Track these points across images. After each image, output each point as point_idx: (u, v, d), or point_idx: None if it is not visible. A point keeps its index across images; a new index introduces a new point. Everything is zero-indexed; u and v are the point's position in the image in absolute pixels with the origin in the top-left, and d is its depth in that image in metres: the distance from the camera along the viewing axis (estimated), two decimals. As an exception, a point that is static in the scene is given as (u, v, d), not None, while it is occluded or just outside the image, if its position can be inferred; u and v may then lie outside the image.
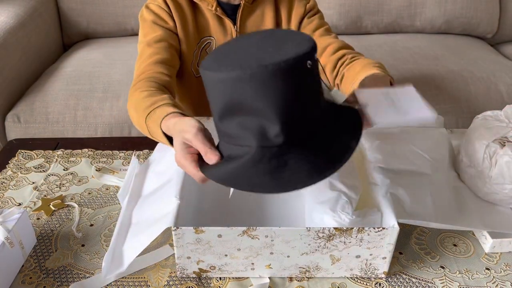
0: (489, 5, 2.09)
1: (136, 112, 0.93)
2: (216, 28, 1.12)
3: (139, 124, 0.92)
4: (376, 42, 2.04)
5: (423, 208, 0.82)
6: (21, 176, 1.02)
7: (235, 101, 0.65)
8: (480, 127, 0.92)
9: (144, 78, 0.99)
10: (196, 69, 1.15)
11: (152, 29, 1.08)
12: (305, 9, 1.15)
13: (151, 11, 1.09)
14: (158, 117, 0.86)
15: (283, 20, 1.16)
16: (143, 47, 1.07)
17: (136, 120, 0.94)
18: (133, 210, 0.86)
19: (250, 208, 0.92)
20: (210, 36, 1.13)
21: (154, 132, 0.86)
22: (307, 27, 1.16)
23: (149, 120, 0.87)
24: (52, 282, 0.78)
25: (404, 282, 0.79)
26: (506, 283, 0.79)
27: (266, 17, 1.14)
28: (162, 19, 1.09)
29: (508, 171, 0.86)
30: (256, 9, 1.13)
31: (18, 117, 1.61)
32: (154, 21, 1.08)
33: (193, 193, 0.88)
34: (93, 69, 1.78)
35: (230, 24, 1.12)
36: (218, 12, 1.09)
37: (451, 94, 1.70)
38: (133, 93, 0.98)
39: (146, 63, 1.03)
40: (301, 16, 1.16)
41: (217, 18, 1.11)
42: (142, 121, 0.90)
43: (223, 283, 0.78)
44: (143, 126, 0.90)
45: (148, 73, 1.01)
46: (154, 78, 1.00)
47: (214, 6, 1.08)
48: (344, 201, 0.79)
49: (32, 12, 1.88)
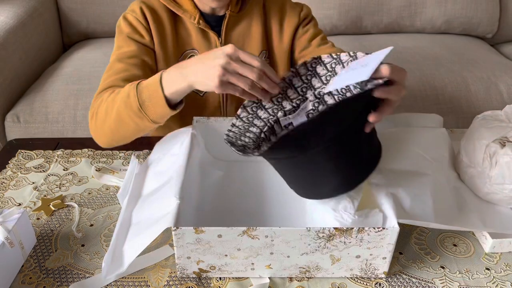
0: (489, 5, 2.10)
1: (116, 96, 0.91)
2: (199, 41, 1.07)
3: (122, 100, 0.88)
4: (376, 42, 2.04)
5: (423, 208, 0.82)
6: (21, 176, 1.02)
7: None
8: (480, 127, 0.92)
9: (111, 90, 0.96)
10: None
11: (126, 43, 1.04)
12: (299, 17, 1.10)
13: (128, 22, 1.05)
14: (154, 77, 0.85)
15: (274, 30, 1.11)
16: (114, 61, 1.03)
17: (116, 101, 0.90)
18: (133, 210, 0.86)
19: (250, 208, 0.92)
20: (193, 48, 1.08)
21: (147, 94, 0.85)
22: (303, 37, 1.11)
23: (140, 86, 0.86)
24: (52, 282, 0.78)
25: (404, 282, 0.79)
26: (506, 283, 0.79)
27: (254, 27, 1.09)
28: (138, 33, 1.04)
29: (508, 171, 0.86)
30: (242, 19, 1.08)
31: (18, 117, 1.61)
32: (129, 34, 1.04)
33: (193, 193, 0.88)
34: (93, 69, 1.78)
35: (214, 37, 1.07)
36: (201, 25, 1.04)
37: (451, 94, 1.71)
38: (97, 98, 0.97)
39: (112, 78, 0.99)
40: (295, 25, 1.11)
41: (200, 30, 1.07)
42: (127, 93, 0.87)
43: (223, 283, 0.78)
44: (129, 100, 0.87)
45: (114, 88, 0.97)
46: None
47: (197, 18, 1.03)
48: (346, 201, 0.79)
49: (32, 12, 1.88)
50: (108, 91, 0.96)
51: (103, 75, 1.03)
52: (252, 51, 1.09)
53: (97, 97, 0.99)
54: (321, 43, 1.11)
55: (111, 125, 0.93)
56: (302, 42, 1.12)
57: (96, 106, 0.97)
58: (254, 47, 1.11)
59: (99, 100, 0.96)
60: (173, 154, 0.92)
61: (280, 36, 1.12)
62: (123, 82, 0.97)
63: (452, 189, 0.93)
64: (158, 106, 0.85)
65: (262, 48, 1.11)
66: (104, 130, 0.96)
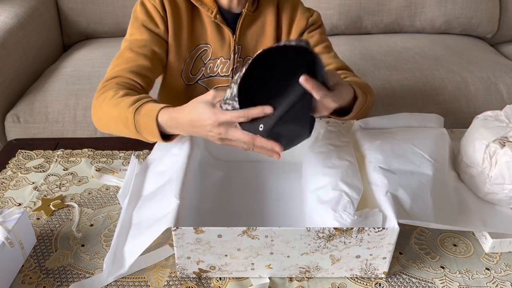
0: (489, 5, 2.09)
1: (116, 107, 0.93)
2: (214, 36, 1.08)
3: (121, 118, 0.91)
4: (376, 42, 2.04)
5: (423, 208, 0.82)
6: (21, 176, 1.02)
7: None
8: (480, 127, 0.92)
9: (116, 82, 0.99)
10: (187, 76, 1.12)
11: (139, 30, 1.05)
12: (306, 22, 1.11)
13: (145, 9, 1.05)
14: (150, 110, 0.87)
15: (283, 32, 1.12)
16: (125, 49, 1.04)
17: (115, 114, 0.93)
18: (134, 210, 0.86)
19: (250, 208, 0.92)
20: (206, 43, 1.09)
21: (144, 125, 0.87)
22: None
23: (138, 115, 0.88)
24: (52, 282, 0.78)
25: (404, 282, 0.79)
26: (506, 283, 0.79)
27: (267, 28, 1.10)
28: (153, 22, 1.04)
29: (508, 171, 0.86)
30: (257, 18, 1.09)
31: (18, 117, 1.61)
32: (144, 23, 1.04)
33: (193, 193, 0.88)
34: (93, 69, 1.78)
35: (229, 33, 1.08)
36: (217, 20, 1.05)
37: (451, 94, 1.70)
38: (104, 92, 0.98)
39: (121, 68, 1.01)
40: (301, 29, 1.11)
41: (216, 25, 1.07)
42: (125, 116, 0.90)
43: (223, 283, 0.78)
44: (127, 122, 0.90)
45: (120, 79, 0.99)
46: (128, 85, 0.99)
47: (214, 13, 1.04)
48: (346, 201, 0.79)
49: (32, 12, 1.88)
50: (112, 89, 0.97)
51: (112, 61, 1.05)
52: None
53: (101, 88, 1.00)
54: (323, 51, 1.11)
55: (112, 131, 0.98)
56: None
57: (99, 102, 0.98)
58: (266, 46, 1.11)
59: (102, 98, 0.97)
60: (173, 154, 0.92)
61: (287, 38, 1.13)
62: (130, 74, 1.00)
63: (452, 189, 0.93)
64: (154, 137, 0.90)
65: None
66: (106, 129, 1.01)
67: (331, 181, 0.83)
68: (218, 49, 1.10)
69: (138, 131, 0.90)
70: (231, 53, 1.10)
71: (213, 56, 1.11)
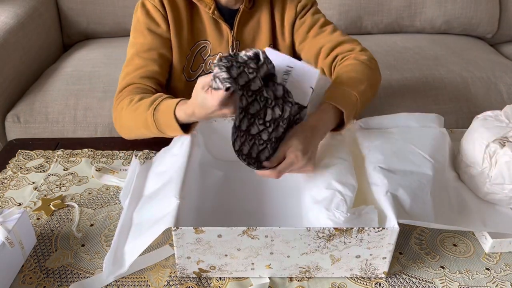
0: (489, 5, 2.09)
1: (134, 113, 0.95)
2: (212, 32, 1.10)
3: (141, 121, 0.93)
4: (376, 42, 2.04)
5: (423, 208, 0.82)
6: (21, 176, 1.02)
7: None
8: (480, 127, 0.92)
9: (130, 90, 1.01)
10: (188, 73, 1.13)
11: (143, 34, 1.06)
12: (296, 10, 1.12)
13: (146, 11, 1.06)
14: (168, 106, 0.88)
15: (277, 25, 1.14)
16: (132, 56, 1.06)
17: (135, 119, 0.95)
18: (134, 211, 0.86)
19: (250, 208, 0.92)
20: (205, 40, 1.11)
21: (164, 122, 0.89)
22: (300, 29, 1.12)
23: (157, 113, 0.90)
24: (52, 282, 0.78)
25: (404, 282, 0.79)
26: (506, 283, 0.79)
27: (263, 23, 1.12)
28: (155, 22, 1.06)
29: (508, 171, 0.86)
30: (253, 15, 1.11)
31: (18, 117, 1.61)
32: (147, 25, 1.06)
33: (193, 193, 0.88)
34: (93, 69, 1.78)
35: (227, 29, 1.10)
36: (215, 16, 1.06)
37: (451, 94, 1.70)
38: (121, 101, 1.00)
39: (133, 75, 1.03)
40: (292, 18, 1.12)
41: (214, 22, 1.09)
42: (145, 118, 0.92)
43: (223, 283, 0.78)
44: (148, 124, 0.92)
45: (133, 86, 1.02)
46: (142, 90, 1.01)
47: (212, 9, 1.06)
48: (338, 199, 0.79)
49: (32, 12, 1.88)
50: (127, 97, 1.00)
51: (122, 70, 1.06)
52: (261, 45, 1.13)
53: (117, 98, 1.03)
54: (318, 32, 1.12)
55: (136, 135, 1.02)
56: (300, 35, 1.14)
57: (118, 111, 1.01)
58: (263, 41, 1.14)
59: (120, 107, 1.00)
60: (173, 154, 0.92)
61: (282, 32, 1.14)
62: (142, 79, 1.03)
63: (452, 189, 0.93)
64: (175, 132, 0.91)
65: (269, 42, 1.14)
66: (129, 136, 1.05)
67: (324, 180, 0.84)
68: (217, 45, 1.11)
69: (159, 129, 0.92)
70: (229, 49, 1.12)
71: (212, 52, 1.12)
